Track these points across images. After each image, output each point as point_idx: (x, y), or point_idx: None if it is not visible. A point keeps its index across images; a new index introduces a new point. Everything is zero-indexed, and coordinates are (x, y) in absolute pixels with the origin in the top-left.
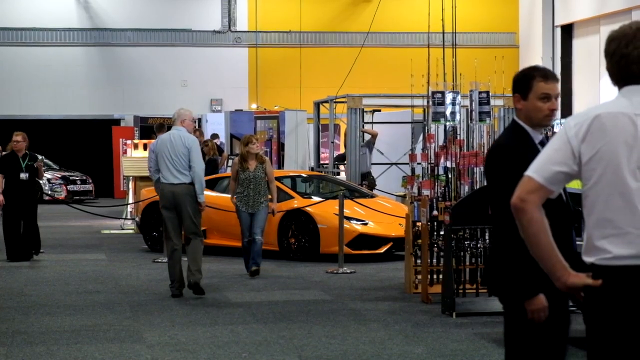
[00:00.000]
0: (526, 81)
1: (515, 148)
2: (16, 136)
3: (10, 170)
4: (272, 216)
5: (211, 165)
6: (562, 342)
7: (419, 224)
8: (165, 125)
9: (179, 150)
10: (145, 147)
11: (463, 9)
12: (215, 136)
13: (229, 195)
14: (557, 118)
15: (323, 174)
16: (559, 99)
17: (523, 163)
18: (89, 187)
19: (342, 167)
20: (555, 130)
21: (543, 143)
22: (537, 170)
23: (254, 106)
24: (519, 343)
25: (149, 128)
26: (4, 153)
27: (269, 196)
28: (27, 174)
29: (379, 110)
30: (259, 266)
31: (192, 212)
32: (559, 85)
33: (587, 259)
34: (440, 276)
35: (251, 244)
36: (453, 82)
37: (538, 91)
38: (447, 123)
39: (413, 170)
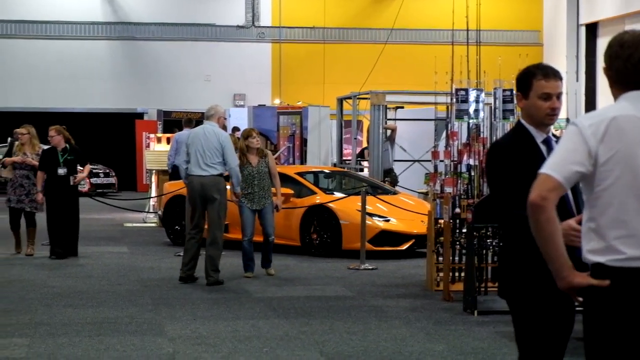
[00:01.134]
0: (527, 80)
1: (512, 147)
2: (50, 130)
3: (49, 166)
4: (277, 212)
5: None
6: (564, 341)
7: (441, 221)
8: (193, 120)
9: (212, 145)
10: (168, 141)
11: (487, 6)
12: (235, 129)
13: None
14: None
15: (345, 170)
16: (562, 98)
17: (520, 162)
18: (112, 180)
19: (364, 164)
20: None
21: (546, 142)
22: (556, 168)
23: (276, 101)
24: (528, 342)
25: (172, 122)
26: (45, 148)
27: (274, 190)
28: (65, 169)
29: (402, 107)
30: (272, 267)
31: (218, 204)
32: (561, 84)
33: (595, 258)
34: (462, 274)
35: (263, 243)
36: (477, 79)
37: (538, 90)
38: (471, 121)
39: (436, 167)
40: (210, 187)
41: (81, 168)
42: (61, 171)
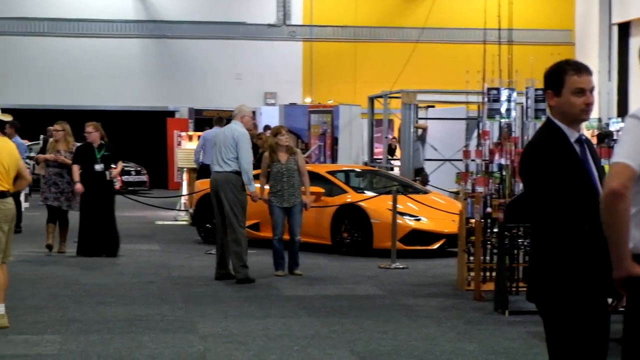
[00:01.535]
0: (558, 76)
1: (548, 148)
2: (87, 127)
3: (85, 162)
4: (305, 210)
5: None
6: (603, 344)
7: (472, 220)
8: (224, 118)
9: (227, 142)
10: (199, 139)
11: (519, 6)
12: (267, 128)
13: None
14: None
15: (376, 169)
16: (594, 93)
17: (557, 163)
18: (144, 178)
19: (394, 162)
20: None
21: (579, 141)
22: (633, 158)
23: (308, 100)
24: (563, 348)
25: (203, 120)
26: (79, 145)
27: (303, 188)
28: (102, 165)
29: (433, 106)
30: (299, 267)
31: (230, 199)
32: (592, 78)
33: None
34: (493, 274)
35: (289, 244)
36: (509, 78)
37: (572, 85)
38: (502, 120)
39: (467, 166)
40: (222, 183)
41: (114, 165)
42: (98, 167)
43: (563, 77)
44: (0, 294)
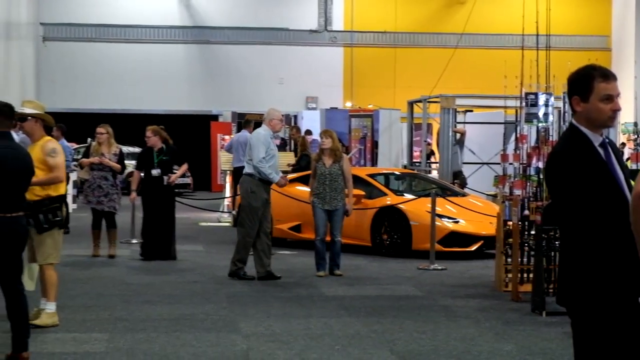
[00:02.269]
0: (586, 82)
1: (574, 154)
2: (147, 131)
3: (144, 166)
4: (347, 216)
5: (305, 160)
6: (634, 349)
7: (510, 223)
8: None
9: (247, 144)
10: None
11: (557, 12)
12: (308, 132)
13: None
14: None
15: (415, 172)
16: (629, 97)
17: (584, 169)
18: (188, 180)
19: (432, 166)
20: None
21: (603, 145)
22: None
23: (348, 104)
24: (592, 353)
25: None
26: (143, 149)
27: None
28: (159, 170)
29: (471, 111)
30: (340, 268)
31: (242, 199)
32: (617, 84)
33: None
34: (531, 275)
35: (330, 245)
36: (546, 83)
37: (600, 92)
38: (540, 124)
39: (505, 170)
40: (240, 184)
41: (177, 168)
42: (155, 172)
43: (591, 83)
44: (52, 294)
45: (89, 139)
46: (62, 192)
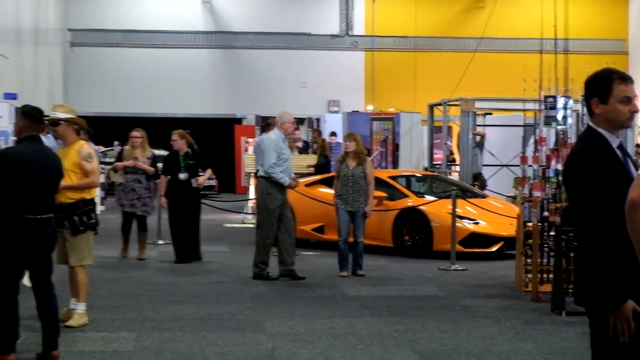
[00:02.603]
0: (605, 84)
1: (592, 155)
2: (173, 134)
3: (171, 170)
4: (365, 218)
5: (322, 160)
6: None
7: (529, 224)
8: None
9: (259, 149)
10: None
11: (574, 16)
12: (333, 134)
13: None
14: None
15: (436, 174)
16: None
17: (602, 170)
18: (213, 182)
19: (452, 168)
20: None
21: (621, 147)
22: None
23: (370, 108)
24: (606, 354)
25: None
26: (162, 152)
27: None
28: (186, 174)
29: (491, 114)
30: (362, 268)
31: (259, 202)
32: (634, 87)
33: None
34: (550, 275)
35: (353, 246)
36: (565, 87)
37: (619, 94)
38: (559, 127)
39: (524, 172)
40: (257, 187)
41: (202, 173)
42: (182, 176)
43: (610, 85)
44: (82, 294)
45: (115, 142)
46: (94, 195)
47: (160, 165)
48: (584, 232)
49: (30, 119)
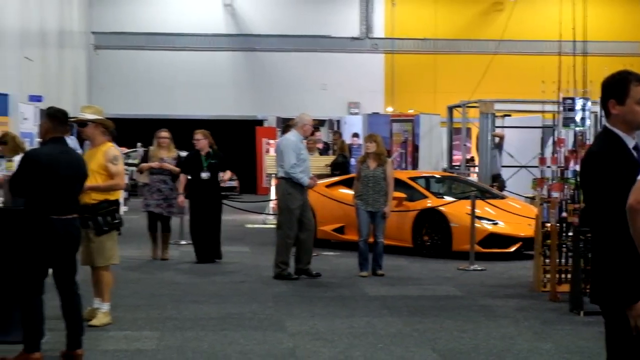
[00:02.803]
0: (622, 86)
1: (609, 155)
2: (196, 134)
3: (192, 170)
4: (383, 218)
5: (340, 159)
6: None
7: (548, 224)
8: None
9: (279, 150)
10: None
11: (593, 18)
12: (355, 135)
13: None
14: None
15: (455, 175)
16: None
17: (618, 169)
18: (234, 183)
19: (471, 169)
20: None
21: (637, 148)
22: None
23: (389, 109)
24: (621, 352)
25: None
26: (187, 153)
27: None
28: (208, 174)
29: (510, 115)
30: (382, 268)
31: (280, 202)
32: None
33: None
34: (569, 275)
35: (373, 246)
36: (583, 88)
37: (636, 95)
38: (577, 128)
39: (542, 173)
40: (277, 187)
41: (222, 173)
42: (204, 175)
43: (627, 86)
44: (106, 294)
45: (138, 144)
46: (118, 196)
47: None
48: (600, 230)
49: (55, 120)
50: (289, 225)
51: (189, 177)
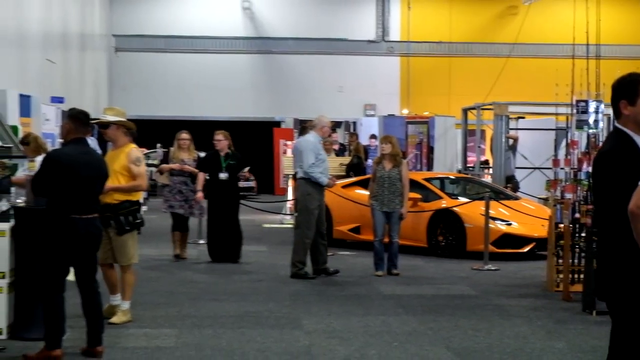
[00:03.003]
0: (633, 87)
1: (621, 153)
2: (217, 134)
3: (211, 170)
4: (401, 219)
5: (355, 159)
6: None
7: (561, 225)
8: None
9: (297, 151)
10: None
11: (606, 22)
12: (373, 137)
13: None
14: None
15: (469, 176)
16: None
17: (630, 167)
18: (252, 184)
19: (485, 171)
20: None
21: None
22: None
23: (405, 111)
24: (626, 348)
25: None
26: (209, 152)
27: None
28: (226, 174)
29: (523, 117)
30: (397, 268)
31: (299, 202)
32: None
33: None
34: (581, 276)
35: (388, 246)
36: (596, 91)
37: None
38: (590, 130)
39: (556, 174)
40: (297, 188)
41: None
42: (223, 175)
43: (638, 87)
44: (127, 292)
45: (158, 145)
46: (139, 196)
47: None
48: (608, 227)
49: (77, 121)
50: (308, 226)
51: (207, 177)
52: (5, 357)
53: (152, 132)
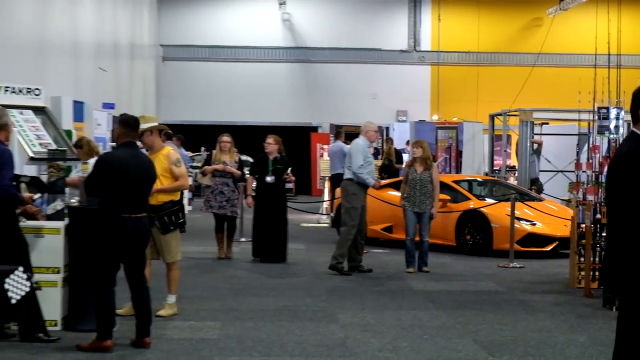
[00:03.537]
0: None
1: (638, 155)
2: (268, 138)
3: (259, 172)
4: (431, 219)
5: (386, 161)
6: None
7: (583, 225)
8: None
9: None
10: None
11: (627, 33)
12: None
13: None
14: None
15: (496, 179)
16: None
17: None
18: (290, 185)
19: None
20: None
21: None
22: None
23: (435, 117)
24: (633, 339)
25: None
26: (259, 155)
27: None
28: (273, 177)
29: (547, 123)
30: (427, 265)
31: (344, 201)
32: None
33: None
34: None
35: (419, 244)
36: (617, 99)
37: None
38: (611, 136)
39: (578, 177)
40: (342, 187)
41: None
42: (269, 179)
43: None
44: (173, 287)
45: (202, 148)
46: (179, 196)
47: (247, 169)
48: (621, 224)
49: (128, 126)
50: (353, 224)
51: (256, 178)
52: (59, 347)
53: (196, 137)
